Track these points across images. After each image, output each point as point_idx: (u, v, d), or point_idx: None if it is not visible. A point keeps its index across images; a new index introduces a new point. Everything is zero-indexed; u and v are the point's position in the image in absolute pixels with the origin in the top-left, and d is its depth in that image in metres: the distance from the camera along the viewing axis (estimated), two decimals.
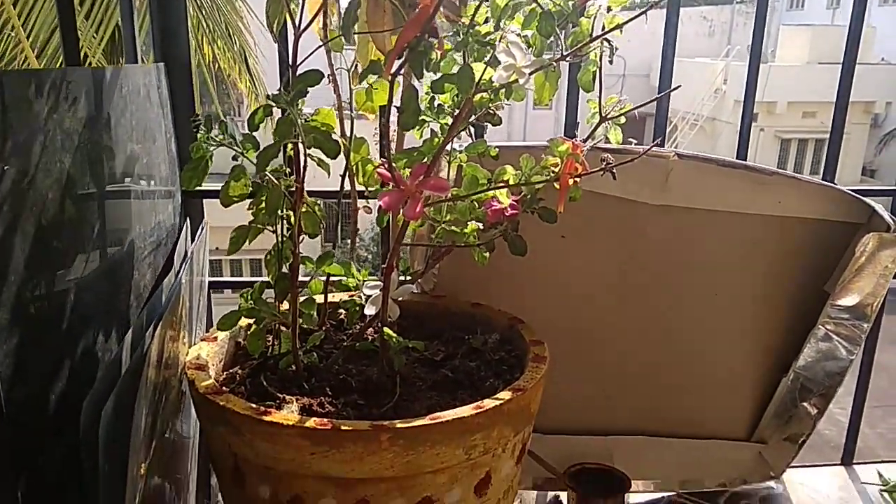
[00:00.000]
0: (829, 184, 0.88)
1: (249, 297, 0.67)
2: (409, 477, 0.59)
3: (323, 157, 0.66)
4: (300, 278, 0.70)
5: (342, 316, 0.85)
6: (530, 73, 0.56)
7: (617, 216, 0.91)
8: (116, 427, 0.44)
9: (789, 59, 10.35)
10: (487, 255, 0.68)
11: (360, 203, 0.83)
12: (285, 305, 0.71)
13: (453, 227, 0.65)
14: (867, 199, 0.88)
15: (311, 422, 0.57)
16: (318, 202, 0.71)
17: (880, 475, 1.08)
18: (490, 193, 0.65)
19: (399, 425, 0.57)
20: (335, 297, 0.81)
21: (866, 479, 1.10)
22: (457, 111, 0.62)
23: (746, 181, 0.87)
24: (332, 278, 0.77)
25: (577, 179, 0.62)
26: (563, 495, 0.98)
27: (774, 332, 0.99)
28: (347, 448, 0.57)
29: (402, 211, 0.62)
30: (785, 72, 9.61)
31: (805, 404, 1.01)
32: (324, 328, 0.77)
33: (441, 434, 0.58)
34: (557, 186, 0.63)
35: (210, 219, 0.92)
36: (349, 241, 0.88)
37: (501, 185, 0.63)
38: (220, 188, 0.69)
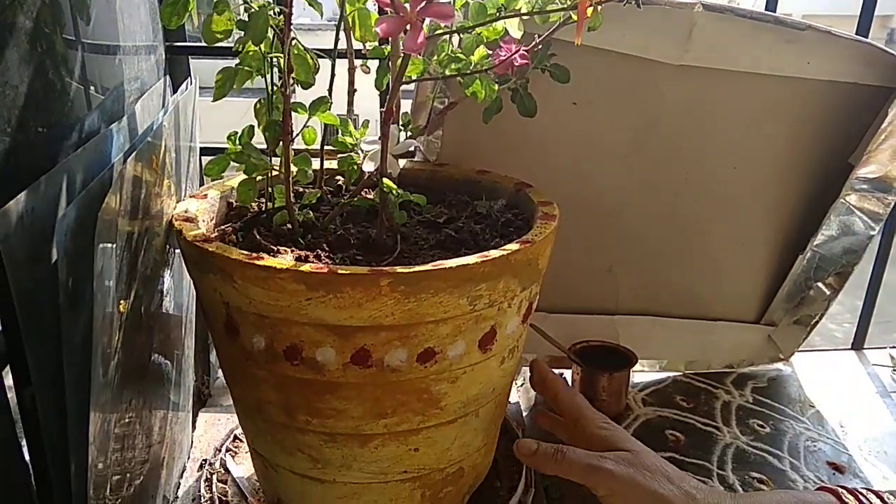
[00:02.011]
0: (865, 40, 0.82)
1: (238, 141, 0.62)
2: (411, 326, 0.56)
3: None
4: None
5: (340, 182, 0.81)
6: None
7: (632, 80, 0.85)
8: (80, 243, 0.40)
9: None
10: (496, 88, 0.62)
11: (357, 62, 0.77)
12: (277, 164, 0.66)
13: (459, 54, 0.60)
14: None
15: (307, 266, 0.54)
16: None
17: (892, 358, 1.07)
18: (500, 27, 0.59)
19: (400, 270, 0.54)
20: (331, 163, 0.76)
21: (877, 361, 1.08)
22: None
23: (775, 38, 0.80)
24: (327, 138, 0.72)
25: (599, 6, 0.56)
26: (568, 373, 0.97)
27: (793, 207, 0.95)
28: (345, 293, 0.53)
29: (401, 43, 0.57)
30: None
31: (819, 284, 0.98)
32: (321, 188, 0.73)
33: (444, 281, 0.55)
34: (575, 17, 0.57)
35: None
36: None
37: (513, 14, 0.57)
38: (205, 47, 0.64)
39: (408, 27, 0.55)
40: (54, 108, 0.49)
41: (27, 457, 0.42)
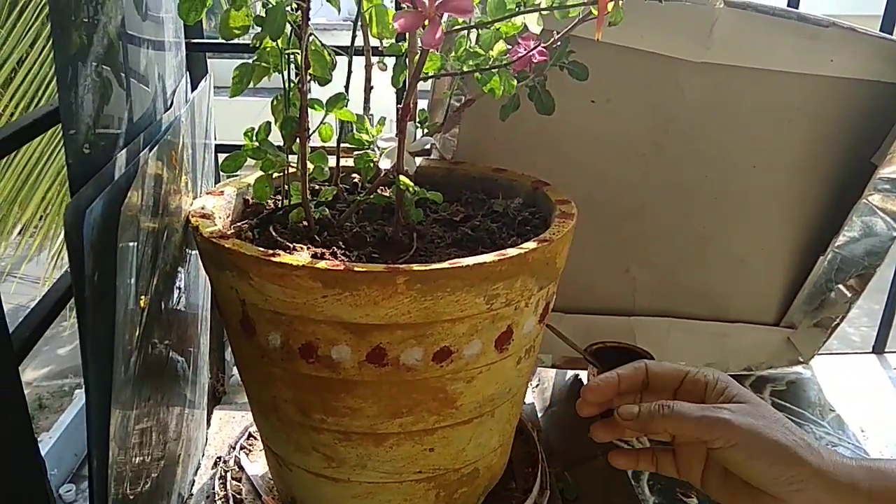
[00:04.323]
0: (890, 37, 0.80)
1: (255, 137, 0.62)
2: (427, 324, 0.55)
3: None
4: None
5: (356, 179, 0.81)
6: None
7: (652, 78, 0.84)
8: (106, 236, 0.40)
9: None
10: (514, 83, 0.61)
11: (374, 59, 0.77)
12: (294, 163, 0.66)
13: (478, 50, 0.59)
14: None
15: (323, 263, 0.53)
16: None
17: None
18: (518, 23, 0.58)
19: (416, 268, 0.53)
20: (347, 160, 0.76)
21: None
22: None
23: (798, 35, 0.79)
24: (343, 134, 0.72)
25: (620, 1, 0.55)
26: (583, 374, 0.96)
27: (814, 207, 0.93)
28: (361, 291, 0.53)
29: (419, 39, 0.56)
30: None
31: (840, 286, 0.96)
32: (337, 185, 0.73)
33: (461, 280, 0.54)
34: (595, 12, 0.56)
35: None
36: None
37: (532, 9, 0.56)
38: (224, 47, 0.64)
39: (426, 22, 0.55)
40: (122, 103, 0.49)
41: (43, 452, 0.42)
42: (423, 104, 0.79)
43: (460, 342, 0.57)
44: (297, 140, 0.64)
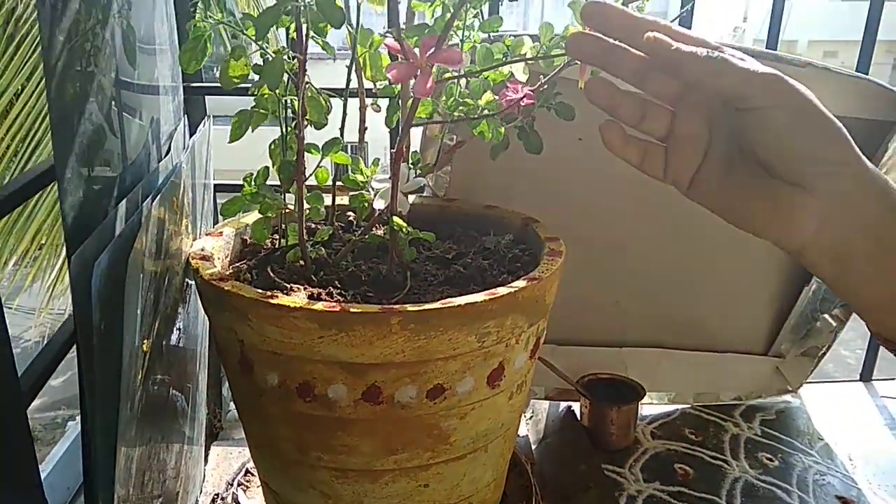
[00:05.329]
0: (864, 76, 0.83)
1: (253, 182, 0.64)
2: (421, 363, 0.57)
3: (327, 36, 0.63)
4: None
5: (351, 218, 0.83)
6: None
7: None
8: (112, 287, 0.42)
9: None
10: (503, 130, 0.64)
11: (368, 101, 0.79)
12: (291, 202, 0.68)
13: (467, 100, 0.61)
14: None
15: (320, 304, 0.55)
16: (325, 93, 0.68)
17: None
18: (506, 71, 0.61)
19: (410, 309, 0.55)
20: (342, 198, 0.78)
21: (886, 393, 1.08)
22: None
23: None
24: (339, 175, 0.74)
25: None
26: (576, 406, 0.97)
27: None
28: (357, 331, 0.55)
29: (411, 88, 0.59)
30: (807, 9, 9.30)
31: (826, 316, 0.98)
32: (332, 226, 0.75)
33: (453, 319, 0.56)
34: (578, 61, 0.59)
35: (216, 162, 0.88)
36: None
37: (518, 59, 0.59)
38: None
39: (418, 72, 0.57)
40: (115, 149, 0.51)
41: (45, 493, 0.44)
42: (416, 141, 0.82)
43: (453, 379, 0.59)
44: (295, 183, 0.66)
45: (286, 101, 0.67)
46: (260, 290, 0.58)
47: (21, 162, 3.55)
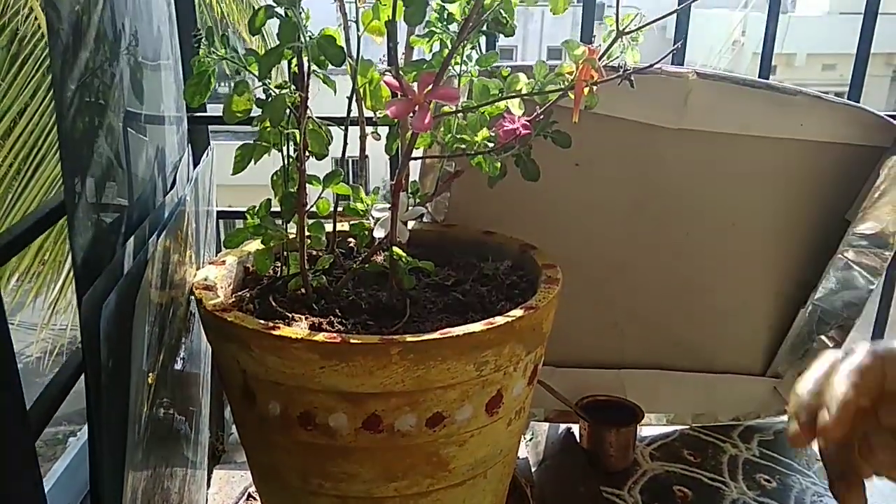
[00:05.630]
0: (854, 104, 0.85)
1: (255, 214, 0.65)
2: (420, 392, 0.58)
3: (328, 71, 0.64)
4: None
5: (351, 244, 0.84)
6: None
7: (633, 143, 0.88)
8: (120, 325, 0.43)
9: (809, 9, 10.07)
10: (499, 165, 0.65)
11: (369, 129, 0.81)
12: (293, 230, 0.70)
13: (463, 136, 0.63)
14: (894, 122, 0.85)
15: (321, 335, 0.57)
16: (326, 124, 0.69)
17: None
18: (502, 105, 0.63)
19: (409, 339, 0.56)
20: (343, 224, 0.80)
21: None
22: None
23: (768, 102, 0.84)
24: (339, 202, 0.76)
25: (594, 88, 0.59)
26: (576, 428, 0.98)
27: (793, 262, 0.97)
28: (357, 362, 0.56)
29: (410, 122, 0.60)
30: (805, 22, 9.35)
31: (822, 337, 0.99)
32: (333, 253, 0.76)
33: (451, 349, 0.57)
34: (572, 96, 0.60)
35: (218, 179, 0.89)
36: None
37: (514, 94, 0.61)
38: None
39: (416, 108, 0.59)
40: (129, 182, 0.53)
41: None
42: (414, 166, 0.83)
43: (452, 408, 0.60)
44: (296, 214, 0.67)
45: (287, 133, 0.69)
46: (262, 322, 0.59)
47: (24, 180, 3.58)
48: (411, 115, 0.59)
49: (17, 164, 3.63)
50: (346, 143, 0.78)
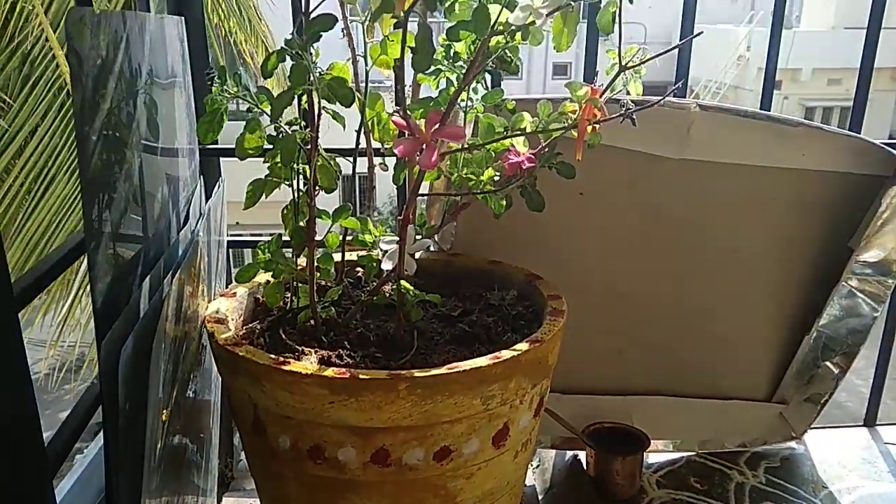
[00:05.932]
0: (855, 135, 0.86)
1: (266, 250, 0.66)
2: (427, 426, 0.59)
3: (337, 109, 0.66)
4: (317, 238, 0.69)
5: (360, 274, 0.85)
6: (547, 14, 0.54)
7: (637, 172, 0.89)
8: (136, 367, 0.45)
9: (815, 24, 10.09)
10: (504, 202, 0.67)
11: (377, 161, 0.82)
12: (303, 261, 0.71)
13: (470, 175, 0.64)
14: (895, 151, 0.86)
15: (330, 371, 0.58)
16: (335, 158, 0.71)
17: None
18: (507, 142, 0.64)
19: (417, 374, 0.57)
20: (351, 254, 0.81)
21: (890, 439, 1.08)
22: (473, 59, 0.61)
23: (770, 133, 0.85)
24: (348, 234, 0.77)
25: (596, 126, 0.60)
26: (582, 455, 0.98)
27: (797, 289, 0.98)
28: (365, 397, 0.57)
29: (417, 160, 0.62)
30: (810, 37, 9.36)
31: (827, 363, 0.99)
32: (341, 284, 0.77)
33: (458, 384, 0.58)
34: (575, 134, 0.62)
35: (228, 195, 0.91)
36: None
37: (518, 133, 0.62)
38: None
39: (423, 147, 0.60)
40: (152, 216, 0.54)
41: None
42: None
43: (459, 441, 0.61)
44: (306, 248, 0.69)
45: (298, 168, 0.70)
46: (273, 356, 0.60)
47: (34, 200, 3.62)
48: (418, 153, 0.60)
49: (28, 184, 3.67)
50: (354, 175, 0.80)
